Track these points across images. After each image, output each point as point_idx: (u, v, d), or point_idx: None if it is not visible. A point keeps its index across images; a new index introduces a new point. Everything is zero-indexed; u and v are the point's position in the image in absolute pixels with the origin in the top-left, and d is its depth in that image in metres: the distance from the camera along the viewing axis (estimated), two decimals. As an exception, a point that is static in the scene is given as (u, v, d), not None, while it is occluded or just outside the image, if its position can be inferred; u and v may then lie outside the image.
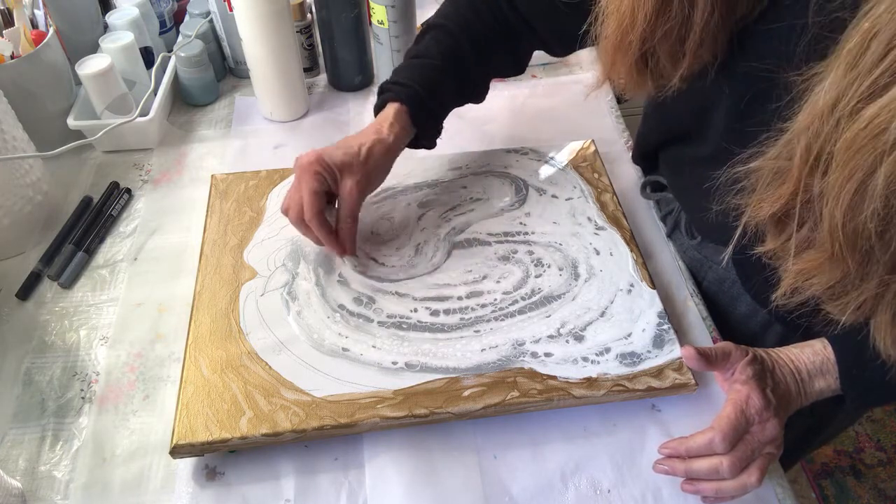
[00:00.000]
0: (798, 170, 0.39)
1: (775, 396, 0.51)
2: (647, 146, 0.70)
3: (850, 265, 0.38)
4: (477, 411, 0.54)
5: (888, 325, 0.41)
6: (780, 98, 0.40)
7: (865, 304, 0.41)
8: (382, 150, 0.62)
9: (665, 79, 0.51)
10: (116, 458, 0.55)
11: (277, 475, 0.53)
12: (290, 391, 0.54)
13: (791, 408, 0.52)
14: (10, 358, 0.61)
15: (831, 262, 0.40)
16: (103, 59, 0.77)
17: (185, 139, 0.84)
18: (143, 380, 0.60)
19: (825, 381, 0.53)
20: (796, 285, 0.43)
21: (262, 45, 0.78)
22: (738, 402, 0.50)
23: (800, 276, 0.42)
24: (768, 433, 0.50)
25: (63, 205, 0.75)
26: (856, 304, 0.41)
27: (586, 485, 0.53)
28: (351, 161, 0.60)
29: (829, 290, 0.42)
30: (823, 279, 0.41)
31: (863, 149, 0.34)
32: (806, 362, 0.53)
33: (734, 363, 0.52)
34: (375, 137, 0.62)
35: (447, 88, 0.65)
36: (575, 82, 0.91)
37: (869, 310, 0.41)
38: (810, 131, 0.37)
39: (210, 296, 0.61)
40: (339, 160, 0.60)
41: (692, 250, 0.69)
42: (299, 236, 0.67)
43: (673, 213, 0.70)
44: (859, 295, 0.40)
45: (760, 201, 0.42)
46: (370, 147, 0.61)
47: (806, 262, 0.41)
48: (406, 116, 0.63)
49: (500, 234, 0.67)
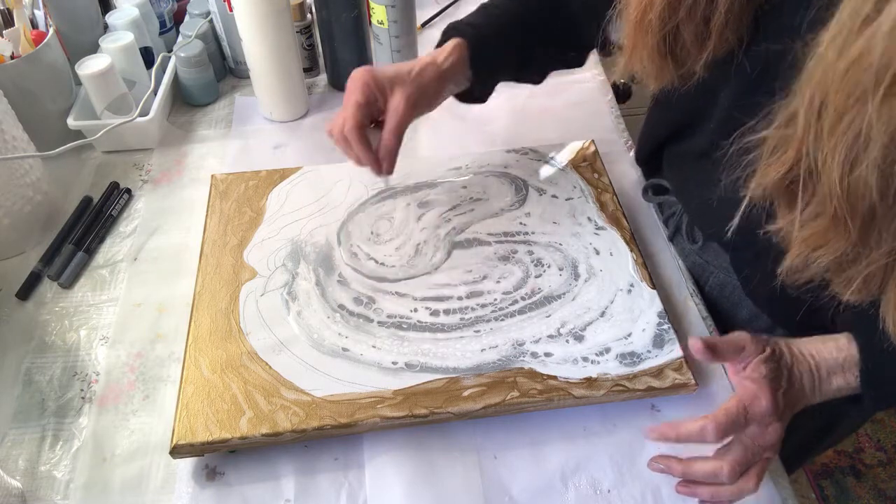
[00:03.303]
0: (801, 129, 0.37)
1: (785, 399, 0.49)
2: (650, 144, 0.70)
3: (851, 231, 0.37)
4: (477, 411, 0.54)
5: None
6: (786, 74, 0.39)
7: (873, 281, 0.39)
8: (434, 72, 0.61)
9: (688, 65, 0.50)
10: (116, 458, 0.55)
11: (277, 475, 0.53)
12: (290, 391, 0.54)
13: (799, 407, 0.50)
14: (10, 358, 0.61)
15: (835, 229, 0.38)
16: (103, 59, 0.77)
17: (185, 139, 0.84)
18: (143, 380, 0.60)
19: (844, 379, 0.50)
20: (801, 257, 0.41)
21: (262, 45, 0.78)
22: (744, 398, 0.48)
23: (805, 246, 0.41)
24: (769, 438, 0.48)
25: (63, 205, 0.75)
26: (862, 279, 0.39)
27: (586, 485, 0.53)
28: (401, 75, 0.59)
29: (834, 262, 0.40)
30: (828, 250, 0.39)
31: (852, 86, 0.32)
32: (827, 358, 0.50)
33: (748, 356, 0.49)
34: (429, 61, 0.61)
35: (511, 43, 0.64)
36: (575, 82, 0.91)
37: (877, 287, 0.40)
38: (812, 83, 0.36)
39: (210, 296, 0.61)
40: (390, 74, 0.59)
41: (693, 255, 0.68)
42: (299, 236, 0.67)
43: (675, 216, 0.70)
44: (865, 267, 0.39)
45: (767, 167, 0.41)
46: (422, 68, 0.60)
47: (811, 230, 0.40)
48: (464, 52, 0.63)
49: (500, 234, 0.67)
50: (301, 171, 0.74)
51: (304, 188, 0.72)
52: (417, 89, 0.59)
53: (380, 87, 0.58)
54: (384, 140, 0.59)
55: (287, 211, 0.70)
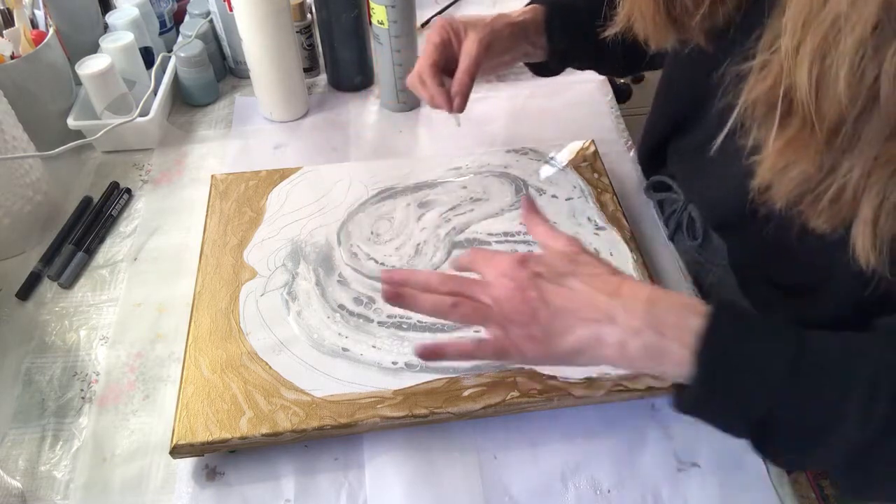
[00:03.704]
0: (785, 43, 0.37)
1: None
2: (653, 140, 0.70)
3: (819, 139, 0.37)
4: (477, 411, 0.54)
5: (867, 224, 0.38)
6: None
7: (842, 203, 0.38)
8: (507, 24, 0.64)
9: (686, 25, 0.50)
10: (116, 458, 0.55)
11: (277, 475, 0.53)
12: (290, 391, 0.54)
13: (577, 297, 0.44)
14: (10, 358, 0.61)
15: (805, 140, 0.38)
16: (103, 59, 0.77)
17: (185, 139, 0.84)
18: (143, 380, 0.59)
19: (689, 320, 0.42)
20: (773, 172, 0.41)
21: (262, 45, 0.78)
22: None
23: (777, 159, 0.40)
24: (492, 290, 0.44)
25: (63, 205, 0.75)
26: (831, 199, 0.38)
27: (586, 485, 0.53)
28: (476, 21, 0.63)
29: (804, 180, 0.39)
30: (798, 166, 0.39)
31: None
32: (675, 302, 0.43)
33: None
34: (502, 14, 0.65)
35: (583, 24, 0.65)
36: (575, 82, 0.91)
37: (847, 209, 0.39)
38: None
39: (210, 296, 0.61)
40: (466, 19, 0.64)
41: (693, 252, 0.68)
42: (299, 236, 0.67)
43: (676, 213, 0.70)
44: (835, 184, 0.38)
45: (754, 83, 0.40)
46: (496, 17, 0.64)
47: (783, 139, 0.39)
48: (539, 16, 0.66)
49: (500, 234, 0.67)
50: (301, 171, 0.74)
51: (304, 188, 0.72)
52: (490, 33, 0.63)
53: (455, 30, 0.62)
54: (456, 78, 0.62)
55: (287, 211, 0.70)
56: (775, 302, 0.59)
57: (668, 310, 0.42)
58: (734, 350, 0.40)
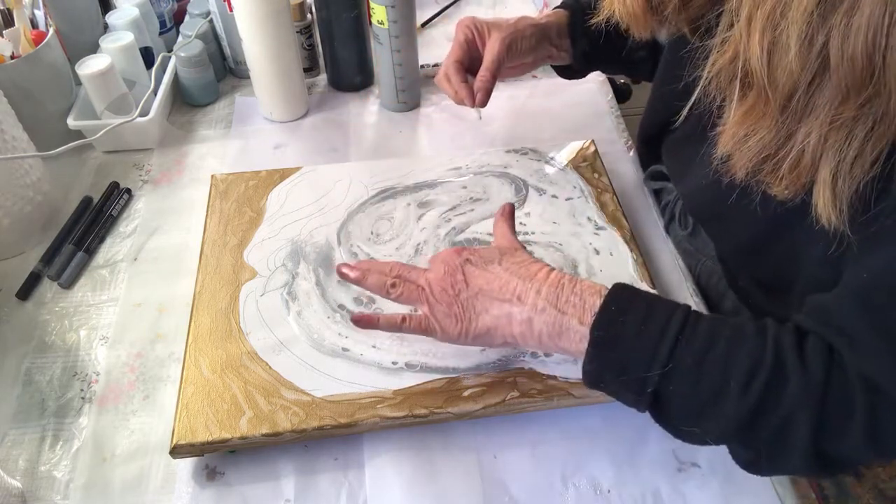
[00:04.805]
0: (740, 18, 0.38)
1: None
2: (647, 131, 0.71)
3: (773, 107, 0.38)
4: (477, 411, 0.54)
5: (827, 185, 0.38)
6: None
7: (801, 169, 0.39)
8: (530, 25, 0.67)
9: (665, 14, 0.50)
10: (116, 458, 0.55)
11: (277, 475, 0.53)
12: (290, 391, 0.54)
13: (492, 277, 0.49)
14: (10, 358, 0.61)
15: (762, 110, 0.39)
16: (103, 59, 0.77)
17: (185, 139, 0.84)
18: (143, 380, 0.60)
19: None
20: (733, 141, 0.42)
21: (262, 45, 0.78)
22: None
23: (736, 129, 0.41)
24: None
25: (63, 205, 0.75)
26: (790, 165, 0.39)
27: (586, 485, 0.53)
28: (500, 22, 0.67)
29: (763, 147, 0.40)
30: (756, 137, 0.40)
31: None
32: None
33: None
34: (526, 16, 0.68)
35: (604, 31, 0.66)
36: (575, 82, 0.91)
37: (806, 175, 0.39)
38: None
39: (210, 296, 0.61)
40: (490, 20, 0.67)
41: (685, 241, 0.70)
42: (299, 236, 0.67)
43: (670, 203, 0.71)
44: (794, 150, 0.38)
45: (715, 58, 0.41)
46: (519, 18, 0.67)
47: (742, 109, 0.40)
48: (563, 18, 0.68)
49: (500, 234, 0.67)
50: (301, 171, 0.74)
51: (304, 188, 0.72)
52: (513, 33, 0.65)
53: (479, 29, 0.65)
54: (480, 74, 0.66)
55: (287, 211, 0.70)
56: (760, 298, 0.59)
57: (572, 291, 0.46)
58: (622, 327, 0.44)
